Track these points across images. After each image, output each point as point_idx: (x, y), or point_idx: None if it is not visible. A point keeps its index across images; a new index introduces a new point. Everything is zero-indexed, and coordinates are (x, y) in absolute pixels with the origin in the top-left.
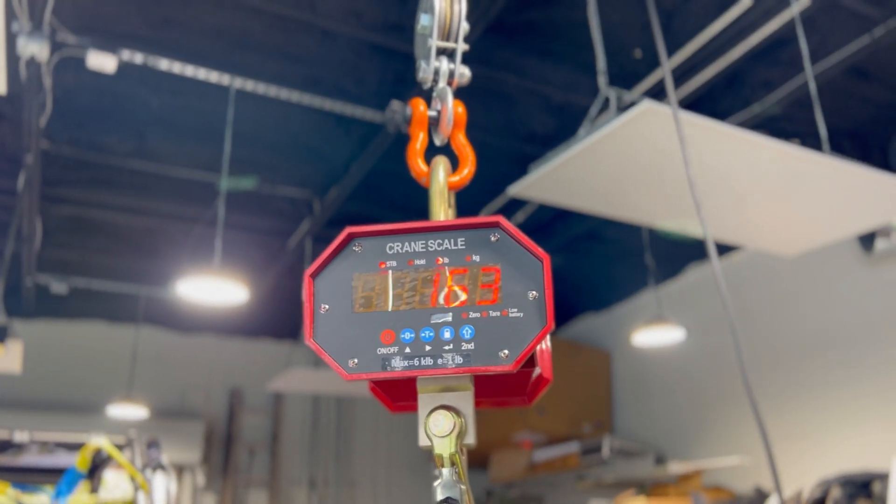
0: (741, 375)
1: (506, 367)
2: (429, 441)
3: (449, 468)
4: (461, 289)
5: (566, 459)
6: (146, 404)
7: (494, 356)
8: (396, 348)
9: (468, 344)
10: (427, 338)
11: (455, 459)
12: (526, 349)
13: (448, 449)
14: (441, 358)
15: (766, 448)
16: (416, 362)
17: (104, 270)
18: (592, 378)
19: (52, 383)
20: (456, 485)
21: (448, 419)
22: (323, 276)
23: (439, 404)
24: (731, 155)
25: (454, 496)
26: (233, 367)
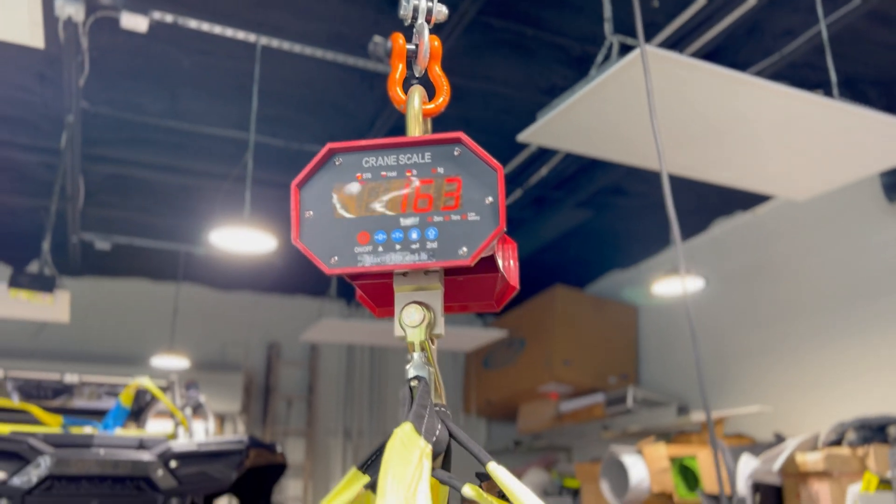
0: (761, 328)
1: (464, 261)
2: (403, 331)
3: (419, 353)
4: (427, 197)
5: (592, 410)
6: (188, 357)
7: (455, 252)
8: (371, 247)
9: (432, 243)
10: (397, 238)
11: (425, 346)
12: (481, 246)
13: (419, 337)
14: (409, 255)
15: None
16: (387, 258)
17: (144, 228)
18: (618, 332)
19: (98, 337)
20: (425, 366)
21: (419, 312)
22: (307, 187)
23: (412, 300)
24: (737, 100)
25: (423, 375)
26: (270, 322)
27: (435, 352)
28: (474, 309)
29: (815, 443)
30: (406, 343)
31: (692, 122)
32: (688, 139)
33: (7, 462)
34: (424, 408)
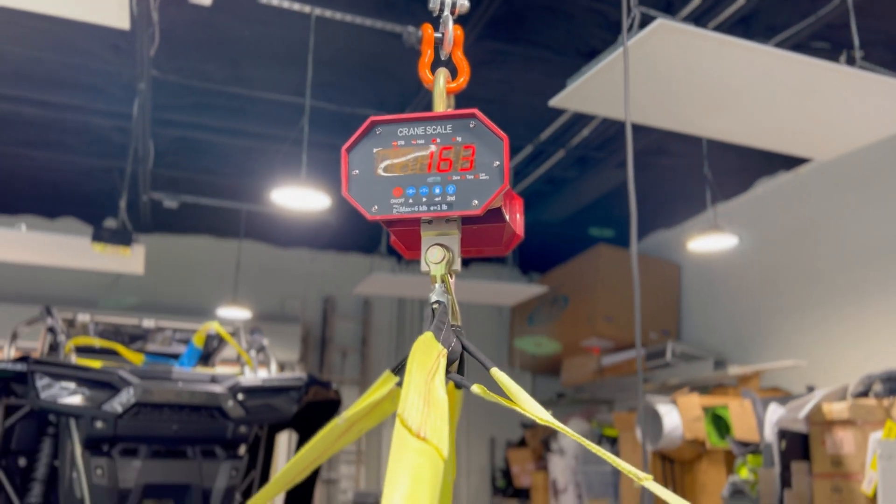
0: (799, 285)
1: (476, 211)
2: (428, 267)
3: (440, 284)
4: (447, 160)
5: (632, 364)
6: (250, 309)
7: (469, 204)
8: (403, 199)
9: (451, 197)
10: (424, 192)
11: (445, 279)
12: (489, 199)
13: (440, 271)
14: (433, 206)
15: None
16: (415, 208)
17: (209, 188)
18: (661, 289)
19: (167, 289)
20: (444, 294)
21: (440, 252)
22: (354, 150)
23: (435, 243)
24: (753, 68)
25: (443, 300)
26: (325, 278)
27: (453, 284)
28: (486, 253)
29: (844, 394)
30: (430, 276)
31: (716, 89)
32: (714, 105)
33: (100, 391)
34: (443, 324)
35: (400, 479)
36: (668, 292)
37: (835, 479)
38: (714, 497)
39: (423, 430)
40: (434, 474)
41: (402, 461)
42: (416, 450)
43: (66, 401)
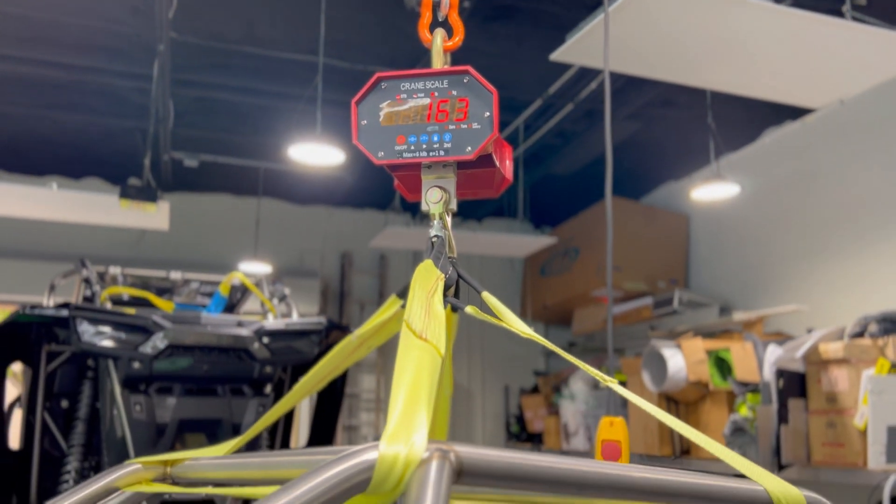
0: (804, 233)
1: (469, 156)
2: (427, 206)
3: (438, 221)
4: (444, 112)
5: (640, 312)
6: (270, 264)
7: (463, 150)
8: (405, 146)
9: (448, 144)
10: (423, 140)
11: (442, 217)
12: (481, 146)
13: (438, 210)
14: (431, 152)
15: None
16: (416, 154)
17: (228, 147)
18: (669, 240)
19: (190, 246)
20: (442, 230)
21: (438, 193)
22: (362, 103)
23: (434, 185)
24: (750, 19)
25: (441, 235)
26: (342, 233)
27: (449, 221)
28: (480, 195)
29: (841, 335)
30: (430, 214)
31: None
32: (713, 57)
33: (136, 334)
34: (441, 254)
35: (406, 370)
36: (677, 243)
37: (829, 415)
38: (716, 435)
39: (425, 333)
40: (433, 367)
41: (407, 357)
42: (419, 347)
43: (104, 343)
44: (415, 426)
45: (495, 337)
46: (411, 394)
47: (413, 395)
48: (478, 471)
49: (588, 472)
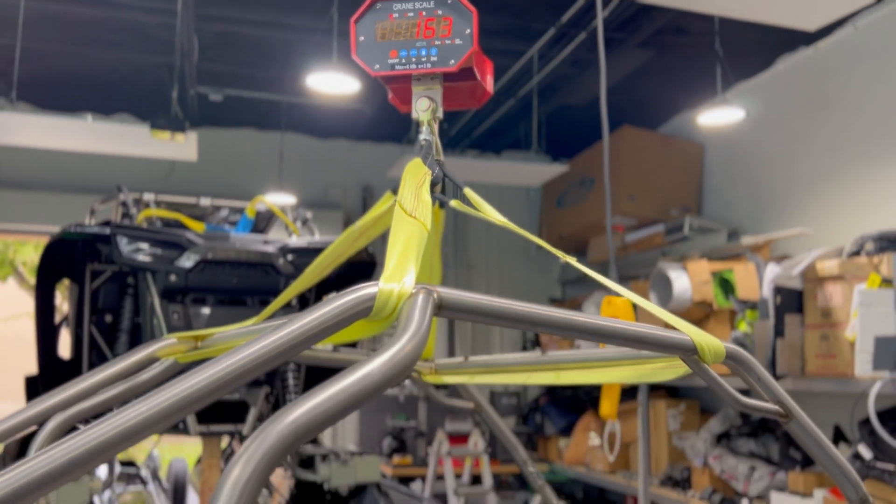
0: (814, 158)
1: (452, 69)
2: (417, 114)
3: (426, 127)
4: (431, 29)
5: (653, 239)
6: (294, 196)
7: (447, 63)
8: (398, 60)
9: (434, 58)
10: (413, 54)
11: (430, 123)
12: (463, 58)
13: (427, 117)
14: (420, 64)
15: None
16: (407, 66)
17: (250, 81)
18: (683, 168)
19: (216, 179)
20: (430, 135)
21: (427, 102)
22: (360, 22)
23: (423, 95)
24: None
25: (429, 139)
26: (363, 167)
27: (437, 129)
28: (464, 106)
29: (839, 254)
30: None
31: None
32: None
33: (172, 250)
34: (428, 154)
35: (399, 238)
36: (690, 171)
37: (823, 328)
38: None
39: (414, 213)
40: (420, 238)
41: (399, 229)
42: (409, 223)
43: (143, 258)
44: (405, 272)
45: (513, 267)
46: (403, 253)
47: (404, 253)
48: (454, 306)
49: (539, 314)
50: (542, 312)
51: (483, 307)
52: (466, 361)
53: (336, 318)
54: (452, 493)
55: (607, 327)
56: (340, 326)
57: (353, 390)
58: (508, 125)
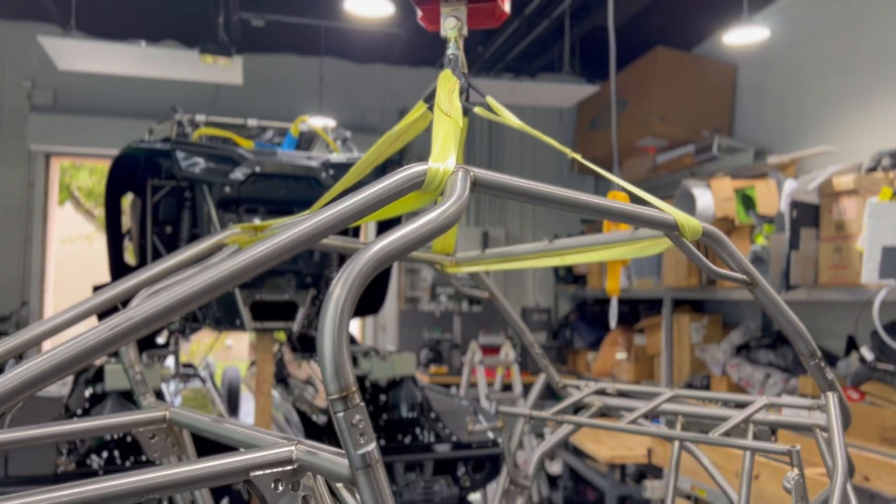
0: (844, 77)
1: None
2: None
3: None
4: None
5: (682, 160)
6: (334, 120)
7: None
8: None
9: None
10: None
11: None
12: None
13: (454, 34)
14: None
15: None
16: None
17: (291, 6)
18: (715, 89)
19: (259, 103)
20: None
21: (453, 21)
22: None
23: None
24: None
25: (456, 53)
26: (400, 91)
27: (462, 45)
28: (486, 24)
29: (857, 170)
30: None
31: None
32: None
33: (225, 164)
34: (456, 66)
35: (440, 132)
36: (722, 92)
37: (837, 241)
38: None
39: (449, 113)
40: (456, 132)
41: (439, 126)
42: (446, 120)
43: (200, 171)
44: (447, 156)
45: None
46: (444, 142)
47: (444, 143)
48: (485, 182)
49: (555, 193)
50: (557, 192)
51: (508, 184)
52: (483, 254)
53: (395, 190)
54: (484, 398)
55: (609, 206)
56: (397, 196)
57: (418, 232)
58: (542, 48)
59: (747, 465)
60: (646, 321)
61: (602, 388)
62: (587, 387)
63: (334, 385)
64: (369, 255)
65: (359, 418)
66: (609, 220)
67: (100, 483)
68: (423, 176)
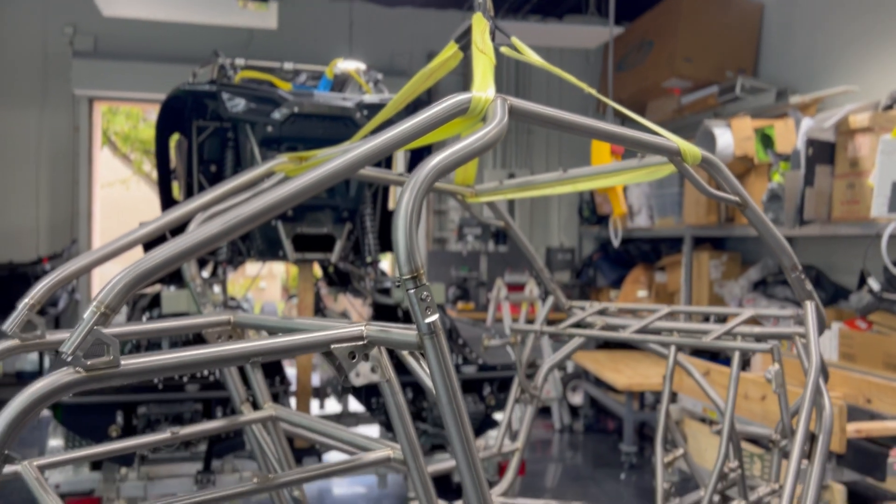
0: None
1: None
2: None
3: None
4: None
5: (706, 100)
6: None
7: None
8: None
9: None
10: None
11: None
12: None
13: None
14: None
15: None
16: None
17: None
18: (740, 29)
19: (292, 48)
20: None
21: None
22: None
23: None
24: None
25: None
26: (428, 34)
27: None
28: None
29: (874, 108)
30: None
31: None
32: None
33: (267, 104)
34: (485, 10)
35: (479, 64)
36: (748, 32)
37: (850, 177)
38: (756, 203)
39: (484, 50)
40: (491, 66)
41: (477, 62)
42: (483, 57)
43: (244, 111)
44: (487, 87)
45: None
46: (482, 75)
47: (483, 76)
48: (520, 110)
49: (576, 120)
50: (580, 120)
51: (538, 112)
52: (501, 184)
53: (444, 115)
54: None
55: (622, 133)
56: (446, 121)
57: (470, 147)
58: None
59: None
60: (667, 259)
61: (605, 307)
62: (591, 306)
63: (407, 267)
64: (431, 165)
65: (426, 294)
66: (622, 145)
67: (213, 348)
68: (468, 103)
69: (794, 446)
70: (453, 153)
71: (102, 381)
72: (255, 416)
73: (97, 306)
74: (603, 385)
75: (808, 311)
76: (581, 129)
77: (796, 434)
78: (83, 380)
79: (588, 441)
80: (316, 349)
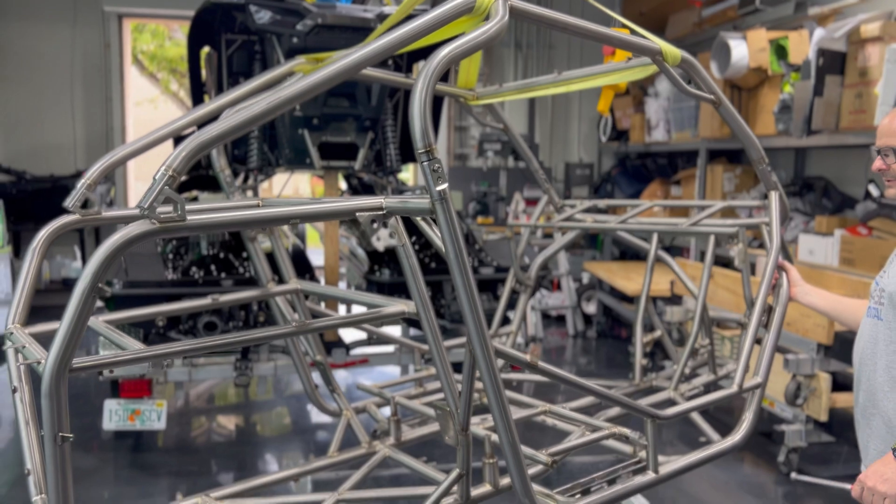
0: None
1: None
2: None
3: None
4: None
5: (726, 12)
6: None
7: None
8: None
9: None
10: None
11: None
12: None
13: None
14: None
15: None
16: None
17: None
18: None
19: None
20: None
21: None
22: None
23: None
24: None
25: None
26: None
27: None
28: None
29: (888, 17)
30: None
31: None
32: None
33: (292, 17)
34: None
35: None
36: None
37: (859, 87)
38: (769, 114)
39: None
40: None
41: None
42: None
43: (271, 22)
44: None
45: (594, 46)
46: None
47: None
48: (519, 10)
49: (568, 20)
50: (573, 21)
51: (536, 13)
52: (500, 87)
53: (451, 13)
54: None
55: (609, 35)
56: (452, 19)
57: (475, 40)
58: None
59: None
60: (682, 173)
61: (594, 204)
62: (581, 203)
63: (421, 142)
64: (442, 55)
65: (437, 166)
66: (609, 45)
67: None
68: (473, 2)
69: (753, 315)
70: (461, 45)
71: (171, 232)
72: (283, 289)
73: (166, 169)
74: (617, 294)
75: (773, 200)
76: (574, 30)
77: (755, 305)
78: (157, 230)
79: (601, 346)
80: (344, 216)
